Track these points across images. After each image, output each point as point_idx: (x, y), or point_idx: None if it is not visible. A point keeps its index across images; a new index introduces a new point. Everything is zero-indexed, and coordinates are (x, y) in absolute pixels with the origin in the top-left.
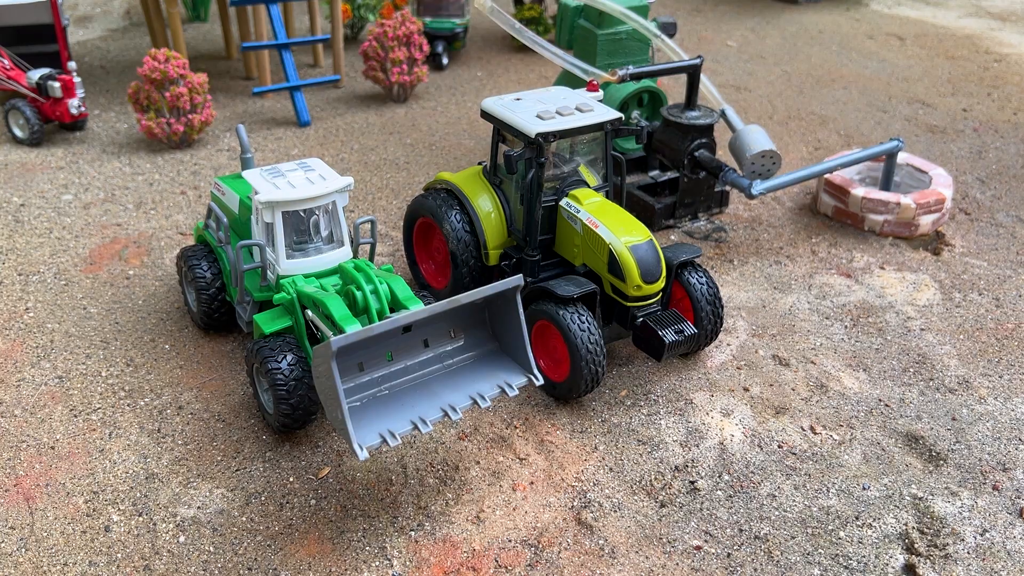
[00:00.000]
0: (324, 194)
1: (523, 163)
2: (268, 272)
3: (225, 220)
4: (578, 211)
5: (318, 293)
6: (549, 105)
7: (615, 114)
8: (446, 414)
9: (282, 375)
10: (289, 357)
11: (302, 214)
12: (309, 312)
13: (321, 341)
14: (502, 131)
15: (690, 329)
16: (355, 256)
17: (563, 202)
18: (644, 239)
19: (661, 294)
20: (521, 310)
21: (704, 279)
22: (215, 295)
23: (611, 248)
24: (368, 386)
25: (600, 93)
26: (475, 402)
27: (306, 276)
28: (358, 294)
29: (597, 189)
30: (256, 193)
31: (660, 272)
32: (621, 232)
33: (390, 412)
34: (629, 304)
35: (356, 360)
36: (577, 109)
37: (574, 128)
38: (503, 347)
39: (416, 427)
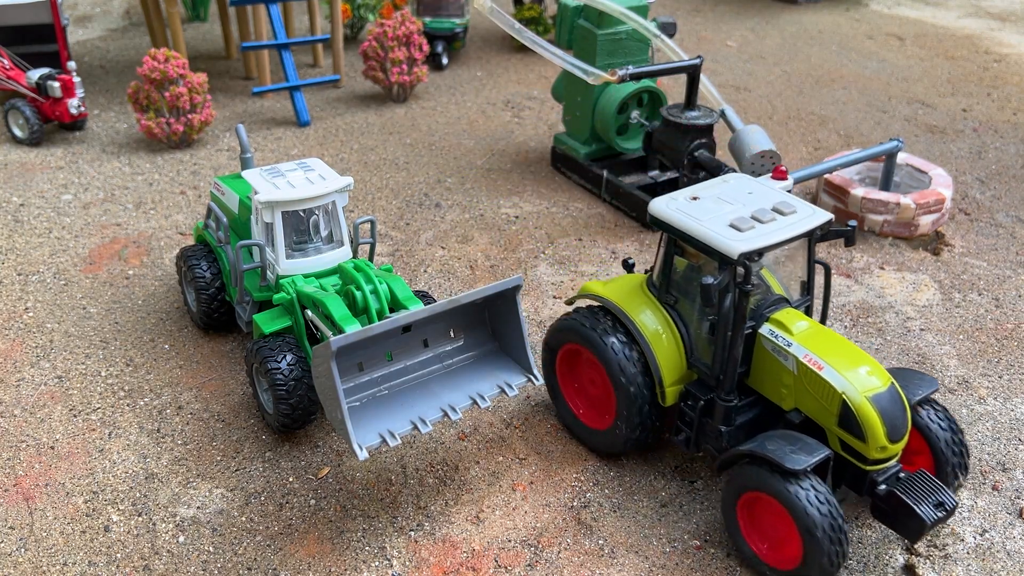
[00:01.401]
0: (324, 194)
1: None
2: (268, 272)
3: (225, 220)
4: (788, 344)
5: (318, 293)
6: (739, 206)
7: (825, 215)
8: (446, 414)
9: (281, 375)
10: (289, 357)
11: (302, 214)
12: (309, 312)
13: (321, 341)
14: (680, 242)
15: (951, 500)
16: (355, 256)
17: (764, 329)
18: (885, 384)
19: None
20: (521, 310)
21: (944, 418)
22: (215, 295)
23: (845, 399)
24: (368, 386)
25: (789, 182)
26: (475, 402)
27: (306, 276)
28: (358, 294)
29: (797, 305)
30: (256, 193)
31: (907, 426)
32: (854, 376)
33: (390, 412)
34: (868, 468)
35: (356, 360)
36: (776, 211)
37: (782, 241)
38: (503, 347)
39: (416, 427)
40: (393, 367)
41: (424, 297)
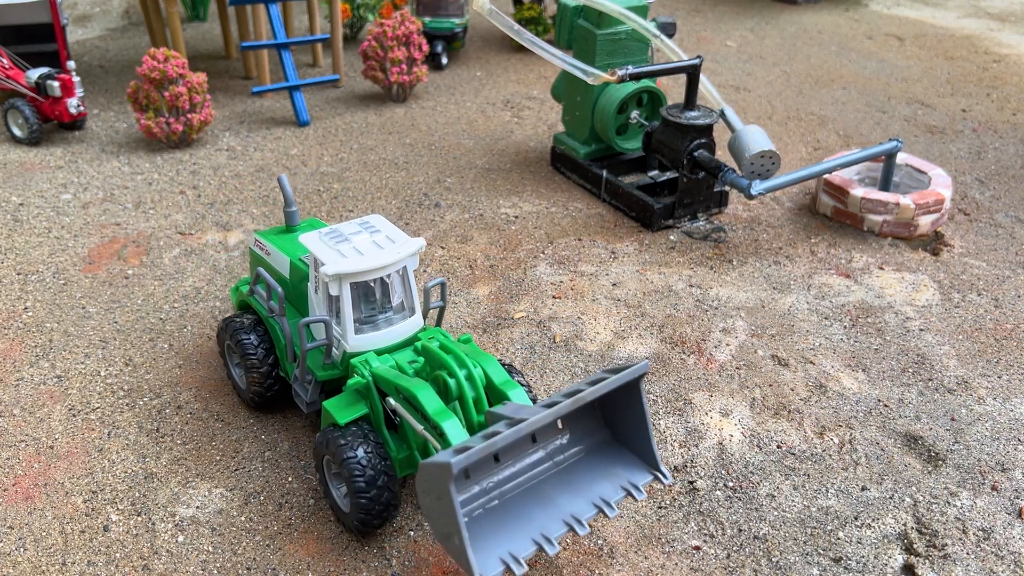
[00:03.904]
0: (396, 261)
1: None
2: (332, 348)
3: (280, 291)
4: None
5: (401, 379)
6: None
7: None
8: (571, 528)
9: (359, 465)
10: (366, 446)
11: (372, 284)
12: (391, 400)
13: (402, 429)
14: None
15: None
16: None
17: None
18: None
19: None
20: (645, 398)
21: None
22: (268, 372)
23: None
24: (477, 496)
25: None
26: (600, 510)
27: (379, 352)
28: (451, 381)
29: None
30: (321, 264)
31: None
32: None
33: (507, 528)
34: None
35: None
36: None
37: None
38: (616, 436)
39: (541, 547)
40: (502, 471)
41: (511, 371)
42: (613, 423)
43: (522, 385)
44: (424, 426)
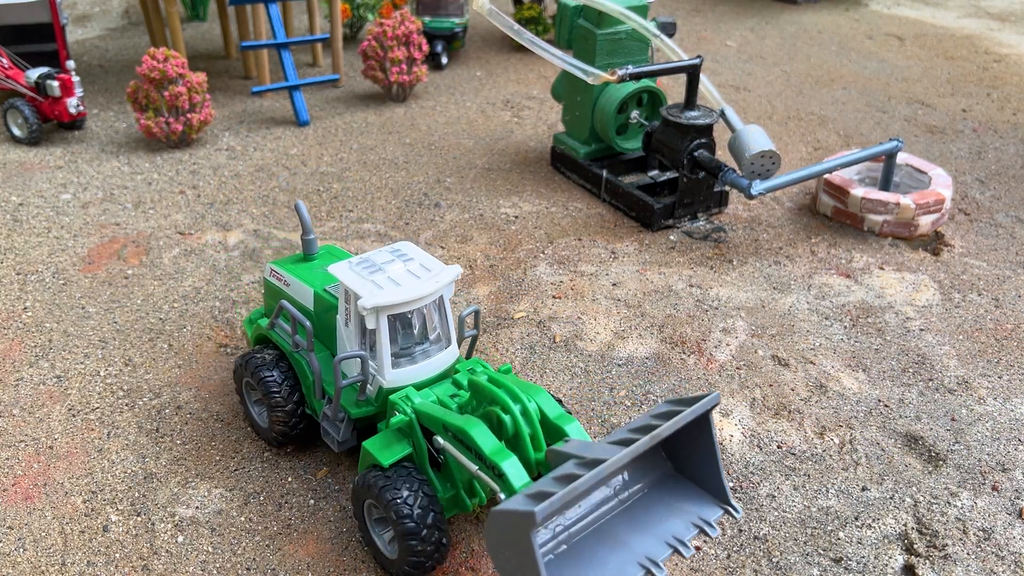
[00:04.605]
0: (435, 291)
1: None
2: (367, 384)
3: (309, 325)
4: None
5: (449, 416)
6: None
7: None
8: (648, 571)
9: (407, 507)
10: (413, 486)
11: (409, 315)
12: (439, 439)
13: (447, 468)
14: None
15: None
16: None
17: None
18: None
19: None
20: (715, 430)
21: None
22: (294, 411)
23: None
24: (546, 541)
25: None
26: (675, 550)
27: (417, 386)
28: (506, 418)
29: None
30: (358, 297)
31: None
32: None
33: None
34: None
35: None
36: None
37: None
38: (679, 468)
39: None
40: (570, 513)
41: (559, 402)
42: (676, 455)
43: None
44: (479, 466)
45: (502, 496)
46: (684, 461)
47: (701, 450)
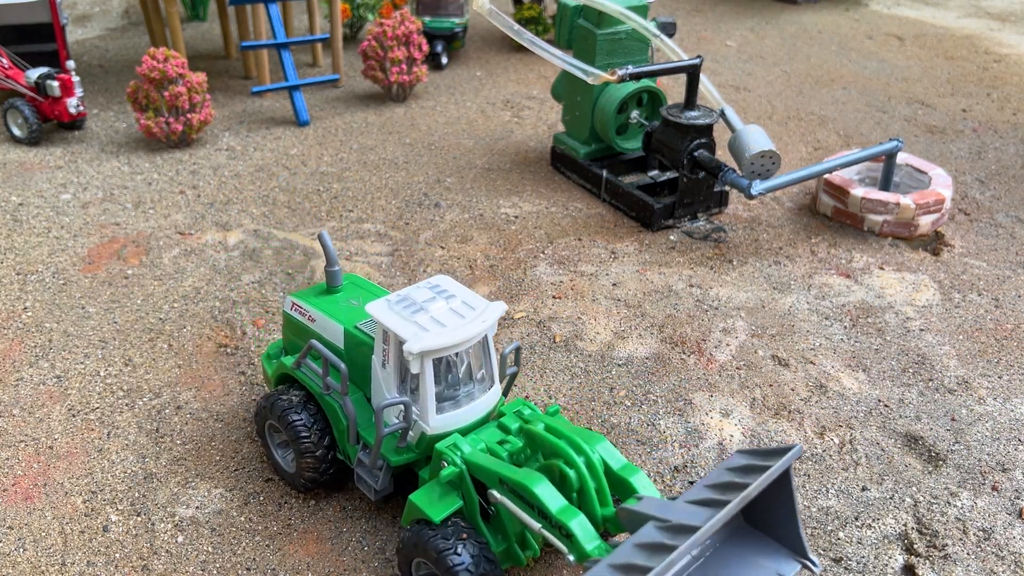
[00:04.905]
0: (481, 332)
1: None
2: (409, 430)
3: (344, 368)
4: None
5: (505, 469)
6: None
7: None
8: None
9: (466, 571)
10: (470, 548)
11: (453, 357)
12: (495, 493)
13: (499, 520)
14: None
15: None
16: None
17: None
18: None
19: None
20: (794, 482)
21: None
22: (325, 455)
23: None
24: None
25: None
26: None
27: (463, 432)
28: (571, 473)
29: None
30: (402, 341)
31: None
32: None
33: None
34: None
35: None
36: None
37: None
38: (751, 519)
39: None
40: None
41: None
42: (752, 508)
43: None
44: (543, 524)
45: (571, 558)
46: (758, 513)
47: (778, 503)
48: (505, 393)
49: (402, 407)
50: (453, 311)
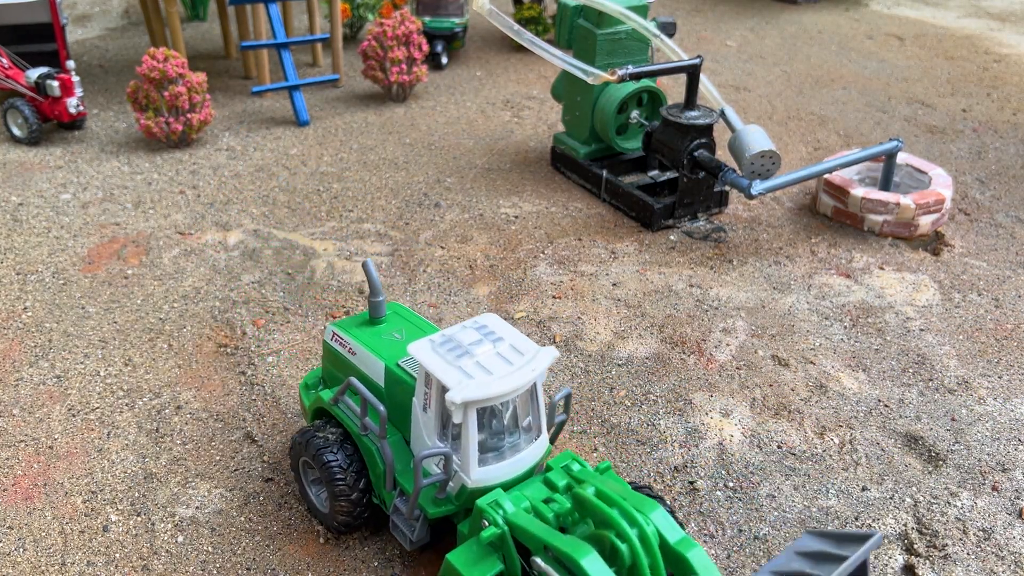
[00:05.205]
0: (531, 381)
1: None
2: (449, 482)
3: (383, 410)
4: None
5: (552, 536)
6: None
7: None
8: None
9: None
10: None
11: (499, 406)
12: (539, 561)
13: None
14: None
15: None
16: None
17: None
18: None
19: None
20: (870, 570)
21: None
22: (360, 499)
23: None
24: None
25: None
26: None
27: (506, 486)
28: (622, 547)
29: None
30: (445, 389)
31: None
32: None
33: None
34: None
35: None
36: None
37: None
38: None
39: None
40: None
41: (662, 502)
42: None
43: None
44: None
45: None
46: None
47: None
48: (552, 441)
49: (442, 457)
50: (500, 356)
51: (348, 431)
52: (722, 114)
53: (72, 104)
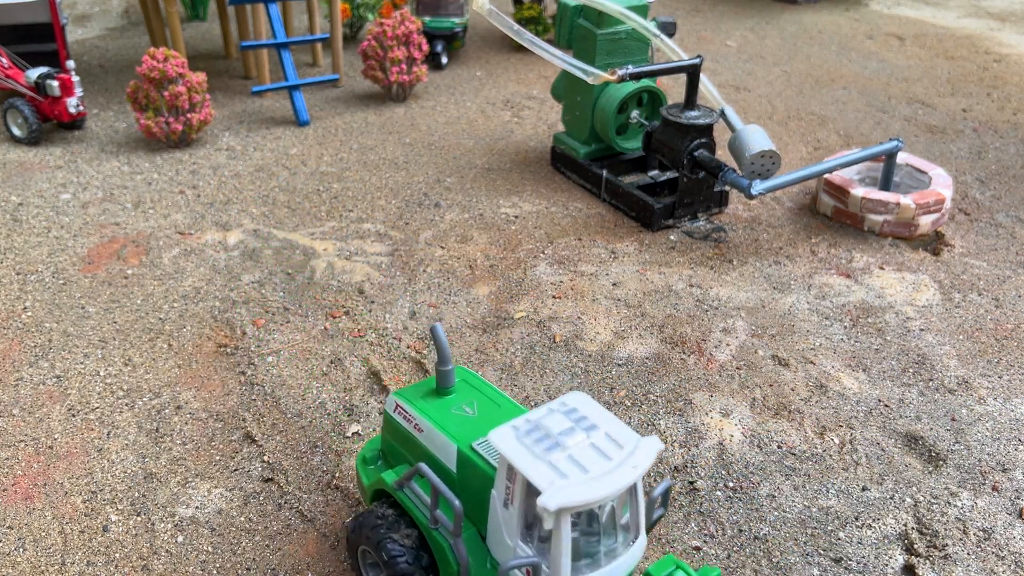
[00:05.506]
0: (634, 480)
1: None
2: None
3: (459, 506)
4: None
5: None
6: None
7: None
8: None
9: None
10: None
11: (596, 509)
12: None
13: None
14: None
15: None
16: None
17: None
18: None
19: None
20: None
21: None
22: None
23: None
24: None
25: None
26: None
27: None
28: None
29: None
30: (537, 492)
31: None
32: None
33: None
34: None
35: None
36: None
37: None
38: None
39: None
40: None
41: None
42: None
43: None
44: None
45: None
46: None
47: None
48: (647, 532)
49: (530, 568)
50: (596, 449)
51: (413, 519)
52: (722, 114)
53: (72, 104)
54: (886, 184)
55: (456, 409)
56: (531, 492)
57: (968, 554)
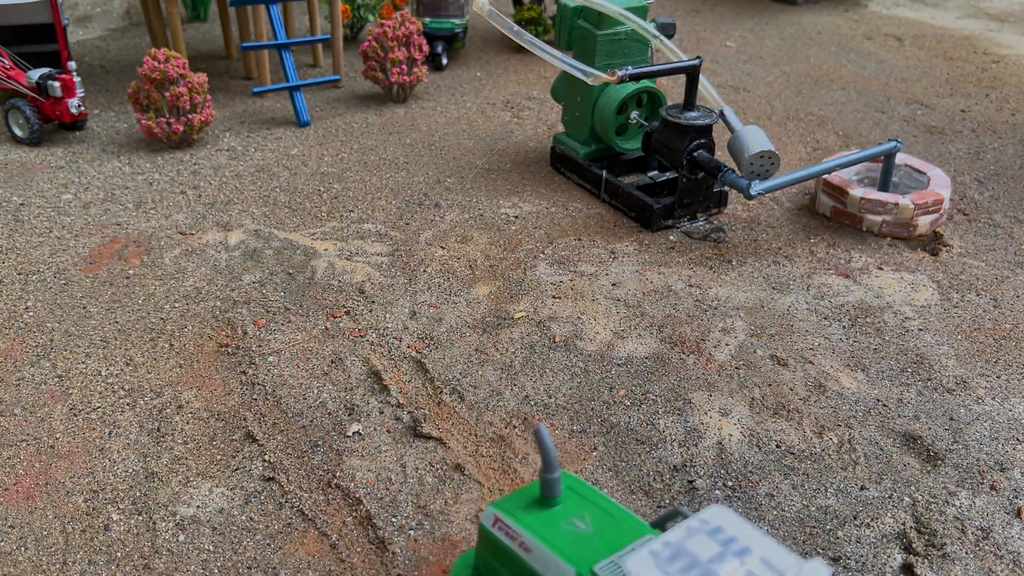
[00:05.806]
0: None
1: None
2: None
3: None
4: None
5: None
6: None
7: None
8: None
9: None
10: None
11: None
12: None
13: None
14: None
15: None
16: None
17: None
18: None
19: None
20: None
21: None
22: None
23: None
24: None
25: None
26: None
27: None
28: None
29: None
30: None
31: None
32: None
33: None
34: None
35: None
36: None
37: None
38: None
39: None
40: None
41: None
42: None
43: None
44: None
45: None
46: None
47: None
48: None
49: None
50: None
51: None
52: (721, 114)
53: (73, 105)
54: (885, 184)
55: (566, 523)
56: None
57: (966, 553)
